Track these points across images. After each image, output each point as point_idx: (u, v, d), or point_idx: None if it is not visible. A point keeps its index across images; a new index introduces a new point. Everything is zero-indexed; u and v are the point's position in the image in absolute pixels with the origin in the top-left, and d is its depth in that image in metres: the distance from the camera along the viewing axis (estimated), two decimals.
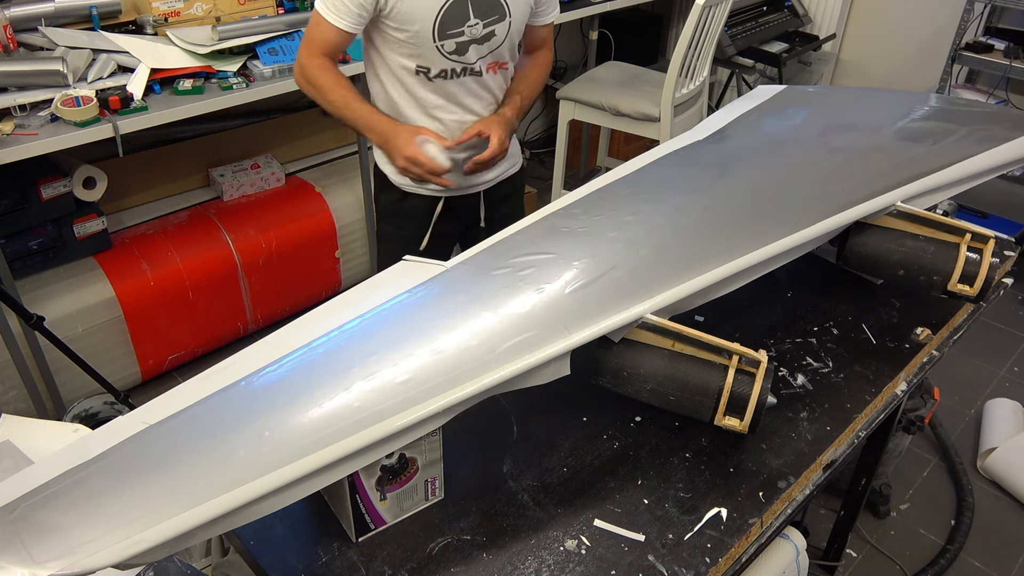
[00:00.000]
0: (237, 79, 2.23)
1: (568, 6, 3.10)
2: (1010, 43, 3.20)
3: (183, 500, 0.82)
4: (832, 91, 1.83)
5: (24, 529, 0.80)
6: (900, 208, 1.28)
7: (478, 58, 1.60)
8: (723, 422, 1.06)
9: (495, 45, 1.61)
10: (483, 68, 1.63)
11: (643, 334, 1.07)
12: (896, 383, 1.28)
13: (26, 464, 1.16)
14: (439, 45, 1.55)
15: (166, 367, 2.56)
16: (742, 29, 3.48)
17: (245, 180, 2.72)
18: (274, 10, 2.50)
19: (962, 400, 2.60)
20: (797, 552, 1.32)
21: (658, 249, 1.19)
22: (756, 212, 1.28)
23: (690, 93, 2.92)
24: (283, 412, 0.92)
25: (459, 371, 0.97)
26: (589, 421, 1.19)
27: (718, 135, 1.55)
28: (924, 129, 1.51)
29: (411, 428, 0.92)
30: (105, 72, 2.11)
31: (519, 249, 1.21)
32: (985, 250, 1.25)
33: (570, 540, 1.01)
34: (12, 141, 1.88)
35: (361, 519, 1.00)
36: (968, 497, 2.22)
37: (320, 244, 2.79)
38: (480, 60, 1.61)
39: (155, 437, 0.90)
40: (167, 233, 2.50)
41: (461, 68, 1.60)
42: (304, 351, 1.02)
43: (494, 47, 1.61)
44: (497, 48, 1.62)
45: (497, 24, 1.58)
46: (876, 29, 3.77)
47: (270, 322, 2.78)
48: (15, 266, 2.18)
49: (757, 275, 1.22)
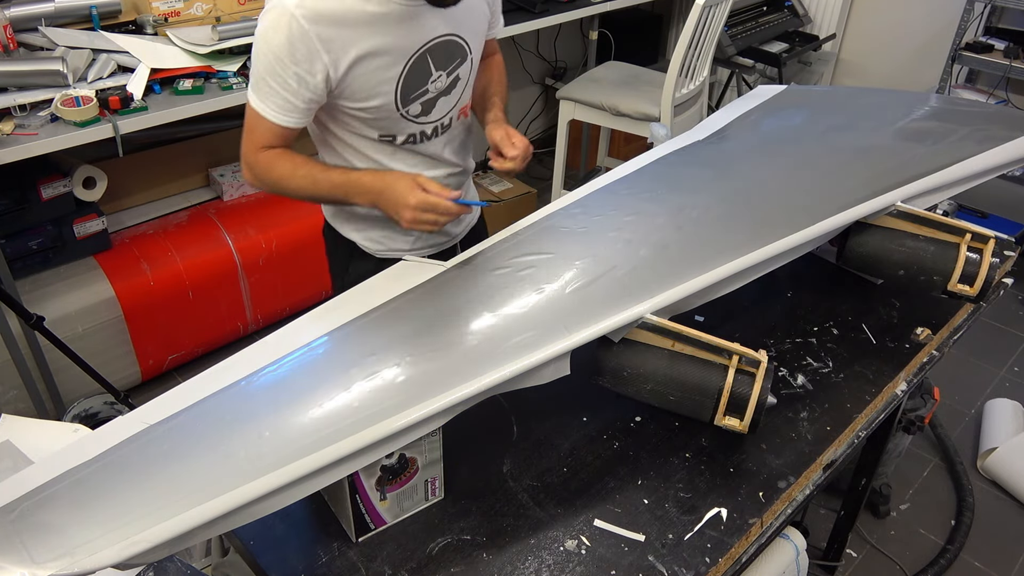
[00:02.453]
0: (237, 79, 2.23)
1: (568, 6, 3.10)
2: (1010, 43, 3.20)
3: (183, 500, 0.82)
4: (832, 91, 1.83)
5: (24, 529, 0.80)
6: (900, 208, 1.28)
7: (448, 110, 1.41)
8: (723, 422, 1.06)
9: (461, 89, 1.41)
10: (453, 119, 1.44)
11: (643, 334, 1.07)
12: (896, 383, 1.28)
13: (26, 464, 1.16)
14: (404, 112, 1.34)
15: (166, 367, 2.56)
16: (742, 29, 3.48)
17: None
18: None
19: (962, 400, 2.59)
20: (797, 552, 1.32)
21: (658, 249, 1.19)
22: (756, 212, 1.28)
23: (690, 93, 2.92)
24: (283, 412, 0.92)
25: (459, 371, 0.97)
26: (589, 421, 1.19)
27: (718, 135, 1.55)
28: (924, 129, 1.51)
29: (411, 428, 0.93)
30: (105, 72, 2.11)
31: (519, 249, 1.21)
32: (985, 250, 1.25)
33: (570, 540, 1.01)
34: (12, 141, 1.88)
35: (361, 519, 1.00)
36: (968, 497, 2.21)
37: (320, 244, 2.78)
38: (449, 112, 1.42)
39: (155, 437, 0.90)
40: (167, 233, 2.50)
41: (431, 129, 1.41)
42: (304, 351, 1.02)
43: (460, 91, 1.41)
44: (463, 91, 1.43)
45: (460, 67, 1.38)
46: (876, 29, 3.77)
47: (270, 322, 2.78)
48: (15, 266, 2.17)
49: (757, 275, 1.22)
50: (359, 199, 1.33)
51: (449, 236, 1.57)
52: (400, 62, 1.28)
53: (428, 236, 1.53)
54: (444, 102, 1.39)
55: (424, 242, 1.54)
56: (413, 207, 1.24)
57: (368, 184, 1.30)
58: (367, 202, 1.33)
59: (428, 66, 1.32)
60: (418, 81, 1.32)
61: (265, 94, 1.25)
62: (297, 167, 1.32)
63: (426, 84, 1.33)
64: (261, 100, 1.26)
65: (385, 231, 1.51)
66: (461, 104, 1.44)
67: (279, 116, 1.26)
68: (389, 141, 1.39)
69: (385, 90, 1.29)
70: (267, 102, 1.26)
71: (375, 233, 1.52)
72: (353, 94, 1.28)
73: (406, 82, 1.30)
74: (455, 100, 1.41)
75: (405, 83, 1.30)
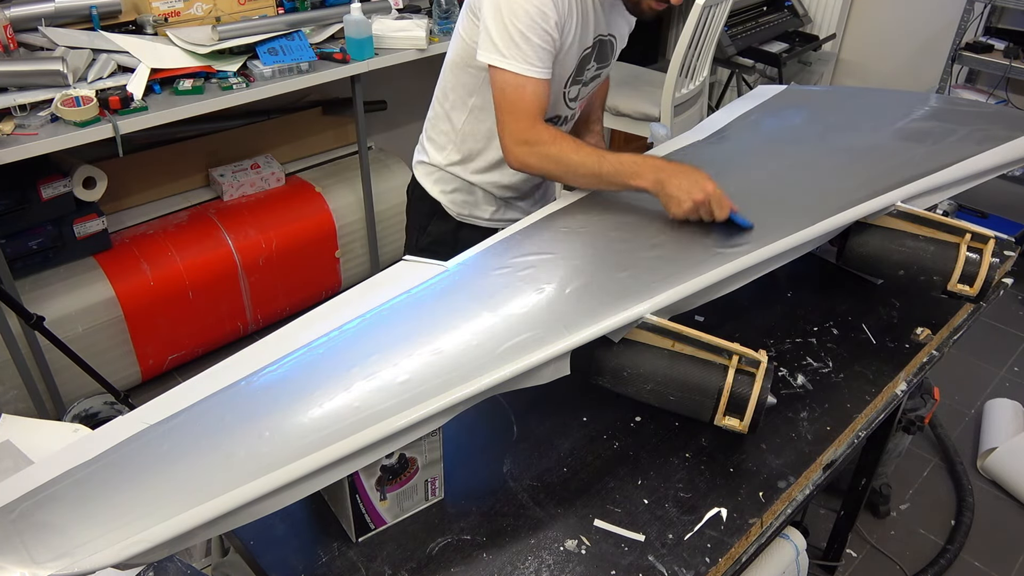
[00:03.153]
0: (237, 79, 2.23)
1: None
2: (1010, 43, 3.20)
3: (183, 500, 0.82)
4: (832, 91, 1.83)
5: (24, 529, 0.80)
6: (900, 208, 1.28)
7: (581, 101, 1.50)
8: (723, 422, 1.06)
9: (594, 88, 1.51)
10: (577, 111, 1.52)
11: (643, 334, 1.07)
12: (896, 383, 1.28)
13: (26, 464, 1.16)
14: (566, 91, 1.41)
15: (166, 367, 2.56)
16: (742, 29, 3.48)
17: (245, 180, 2.72)
18: (274, 10, 2.50)
19: (962, 400, 2.59)
20: (797, 552, 1.32)
21: (658, 249, 1.19)
22: (756, 212, 1.28)
23: (690, 93, 2.92)
24: (283, 412, 0.92)
25: (459, 371, 0.97)
26: (589, 421, 1.19)
27: (718, 135, 1.55)
28: (924, 129, 1.51)
29: (411, 428, 0.92)
30: (105, 72, 2.11)
31: (519, 249, 1.21)
32: (985, 250, 1.25)
33: (570, 540, 1.01)
34: (12, 141, 1.88)
35: (361, 519, 1.00)
36: (968, 497, 2.21)
37: (320, 244, 2.79)
38: (581, 102, 1.51)
39: (155, 437, 0.90)
40: (167, 233, 2.50)
41: (567, 115, 1.48)
42: (304, 351, 1.02)
43: (592, 88, 1.50)
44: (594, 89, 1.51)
45: (604, 68, 1.47)
46: (876, 29, 3.77)
47: (270, 322, 2.78)
48: (15, 266, 2.18)
49: (757, 275, 1.22)
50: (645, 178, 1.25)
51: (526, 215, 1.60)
52: (588, 43, 1.36)
53: (506, 210, 1.60)
54: (581, 93, 1.47)
55: (501, 215, 1.61)
56: (709, 192, 1.20)
57: (660, 163, 1.25)
58: (654, 181, 1.24)
59: (593, 57, 1.40)
60: (583, 67, 1.40)
61: (526, 54, 1.22)
62: (579, 143, 1.29)
63: (583, 72, 1.40)
64: (524, 62, 1.22)
65: (469, 197, 1.58)
66: (584, 99, 1.53)
67: (541, 70, 1.24)
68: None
69: (570, 62, 1.34)
70: (531, 62, 1.22)
71: (458, 197, 1.58)
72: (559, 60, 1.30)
73: (579, 65, 1.37)
74: (588, 93, 1.51)
75: (579, 65, 1.37)
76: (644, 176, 1.24)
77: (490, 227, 1.60)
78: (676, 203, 1.21)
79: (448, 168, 1.57)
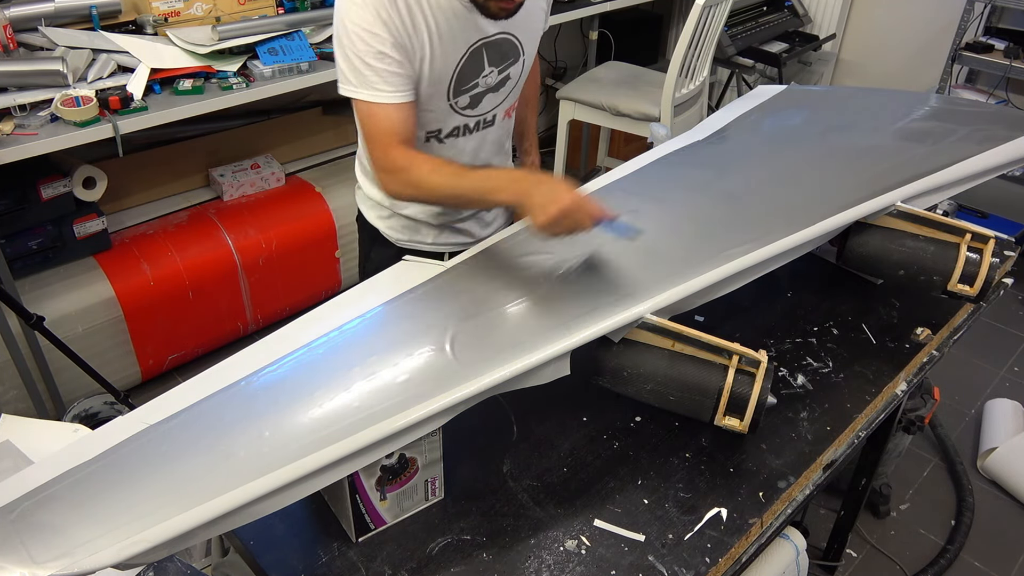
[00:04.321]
0: (237, 79, 2.23)
1: (568, 6, 3.10)
2: (1010, 43, 3.20)
3: (183, 500, 0.82)
4: (832, 91, 1.83)
5: (24, 529, 0.80)
6: (900, 208, 1.28)
7: (493, 107, 1.43)
8: (723, 422, 1.06)
9: (509, 89, 1.43)
10: (498, 116, 1.46)
11: (643, 334, 1.07)
12: (896, 383, 1.28)
13: (26, 464, 1.16)
14: (453, 103, 1.35)
15: (166, 367, 2.56)
16: (742, 29, 3.48)
17: (245, 180, 2.72)
18: (274, 10, 2.50)
19: (962, 400, 2.59)
20: (797, 552, 1.32)
21: (658, 249, 1.19)
22: (756, 212, 1.28)
23: (690, 93, 2.92)
24: (283, 412, 0.92)
25: (459, 371, 0.97)
26: (589, 421, 1.19)
27: (718, 135, 1.55)
28: (924, 129, 1.51)
29: (411, 428, 0.93)
30: (105, 72, 2.11)
31: (519, 248, 1.21)
32: (985, 250, 1.25)
33: (570, 540, 1.01)
34: (12, 141, 1.88)
35: (361, 519, 1.00)
36: (968, 497, 2.21)
37: (320, 244, 2.79)
38: (495, 109, 1.43)
39: (155, 437, 0.90)
40: (167, 233, 2.50)
41: (475, 122, 1.42)
42: (304, 351, 1.02)
43: (508, 91, 1.43)
44: (511, 91, 1.44)
45: (512, 67, 1.39)
46: (876, 29, 3.77)
47: (270, 322, 2.78)
48: (15, 266, 2.17)
49: (757, 275, 1.22)
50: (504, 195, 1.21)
51: (473, 238, 1.58)
52: (460, 51, 1.29)
53: (450, 234, 1.55)
54: (491, 98, 1.40)
55: (445, 239, 1.55)
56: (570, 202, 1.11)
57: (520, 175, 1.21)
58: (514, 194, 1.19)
59: (483, 60, 1.33)
60: (470, 74, 1.33)
61: (369, 80, 1.20)
62: (440, 163, 1.25)
63: (476, 79, 1.34)
64: (370, 88, 1.20)
65: (408, 223, 1.53)
66: (507, 104, 1.46)
67: (392, 95, 1.20)
68: (435, 136, 1.39)
69: (443, 77, 1.28)
70: (376, 87, 1.20)
71: (396, 223, 1.54)
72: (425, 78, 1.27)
73: (461, 72, 1.31)
74: (502, 98, 1.43)
75: (460, 73, 1.31)
76: (505, 190, 1.19)
77: (434, 251, 1.55)
78: (541, 210, 1.12)
79: (380, 199, 1.52)
